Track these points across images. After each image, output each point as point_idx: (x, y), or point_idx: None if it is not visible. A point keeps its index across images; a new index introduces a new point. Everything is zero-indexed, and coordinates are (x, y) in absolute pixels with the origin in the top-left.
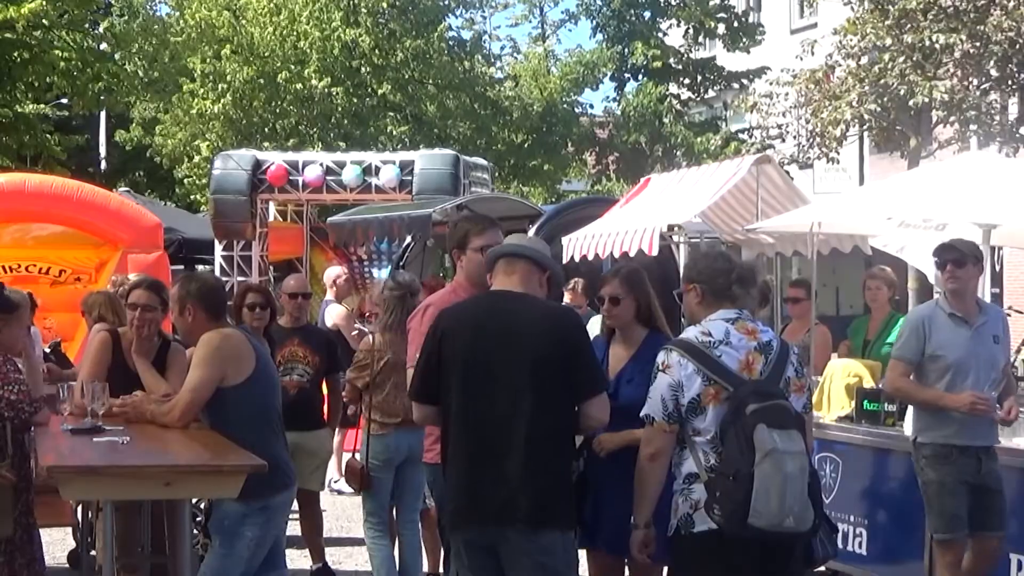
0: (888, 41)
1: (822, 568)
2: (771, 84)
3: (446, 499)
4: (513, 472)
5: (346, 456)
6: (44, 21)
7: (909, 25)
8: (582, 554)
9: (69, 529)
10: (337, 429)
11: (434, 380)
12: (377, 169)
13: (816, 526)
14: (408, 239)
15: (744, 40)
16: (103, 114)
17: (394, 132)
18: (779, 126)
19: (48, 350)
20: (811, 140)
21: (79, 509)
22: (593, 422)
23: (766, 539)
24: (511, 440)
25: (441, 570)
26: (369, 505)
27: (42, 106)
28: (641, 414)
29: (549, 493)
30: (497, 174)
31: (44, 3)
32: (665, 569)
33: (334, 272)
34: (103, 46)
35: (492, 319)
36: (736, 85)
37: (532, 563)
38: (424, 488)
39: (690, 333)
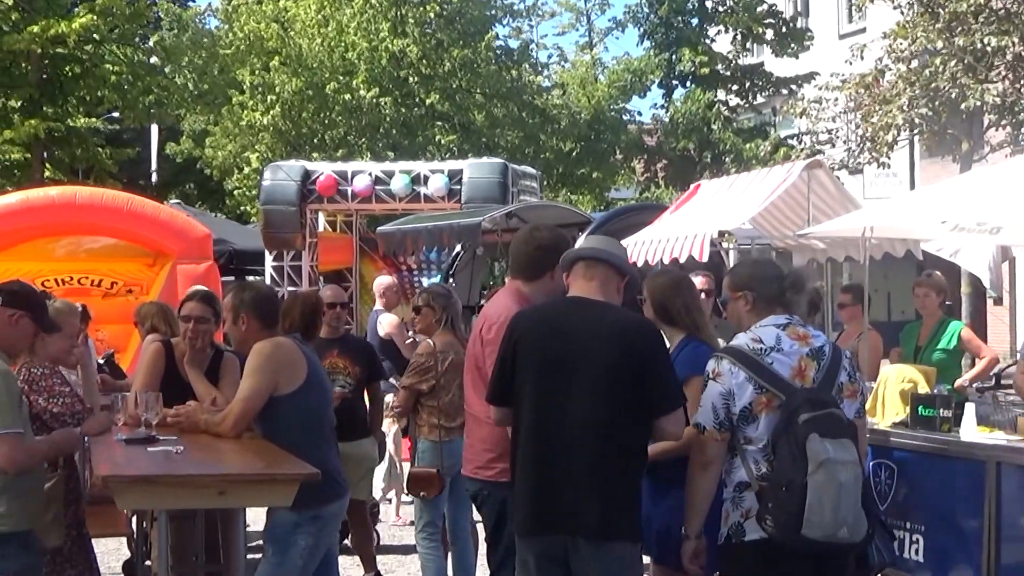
0: (939, 44)
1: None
2: (820, 89)
3: (514, 506)
4: (582, 481)
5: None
6: (95, 36)
7: (960, 28)
8: None
9: (124, 539)
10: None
11: (509, 383)
12: (426, 178)
13: (870, 536)
14: (458, 248)
15: (792, 45)
16: (155, 127)
17: (442, 141)
18: (829, 131)
19: (102, 361)
20: (861, 145)
21: (133, 519)
22: (668, 437)
23: (819, 550)
24: (581, 449)
25: None
26: (428, 514)
27: (93, 120)
28: (692, 422)
29: (617, 504)
30: (545, 182)
31: (95, 18)
32: None
33: (383, 281)
34: (153, 59)
35: (568, 326)
36: (785, 91)
37: (601, 573)
38: None
39: (741, 340)
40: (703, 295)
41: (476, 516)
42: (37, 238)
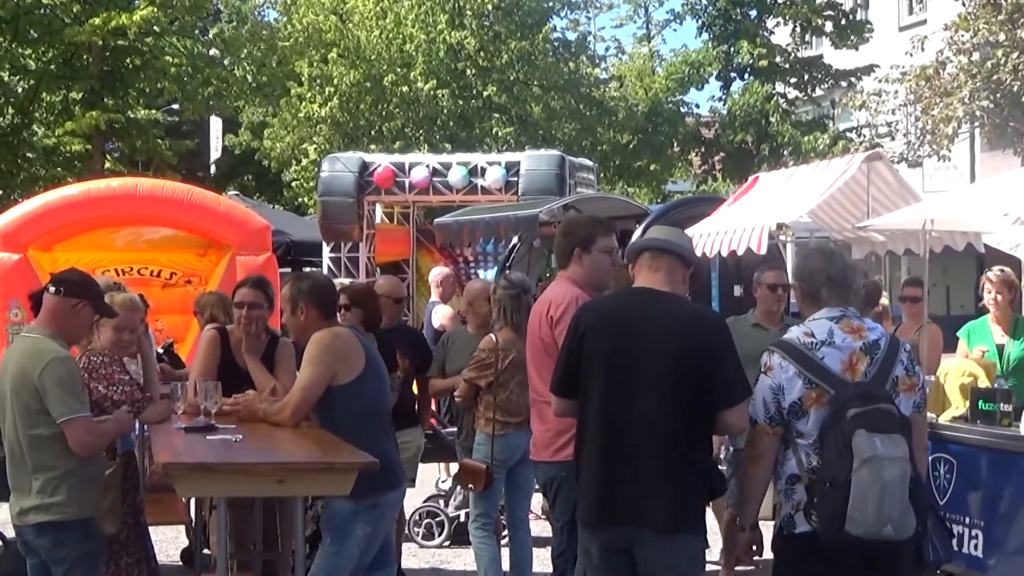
0: (1001, 36)
1: (937, 572)
2: (880, 82)
3: (578, 496)
4: (649, 474)
5: None
6: (155, 28)
7: (1022, 20)
8: None
9: (182, 527)
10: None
11: (575, 374)
12: (483, 170)
13: (919, 533)
14: (515, 240)
15: (852, 37)
16: (217, 120)
17: (499, 133)
18: (888, 124)
19: (161, 350)
20: (921, 138)
21: (192, 507)
22: (732, 430)
23: (863, 547)
24: (648, 441)
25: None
26: (482, 505)
27: (153, 111)
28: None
29: (683, 497)
30: (602, 175)
31: (155, 10)
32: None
33: (439, 273)
34: (213, 51)
35: (635, 318)
36: (844, 83)
37: (667, 565)
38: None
39: (793, 333)
40: (779, 289)
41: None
42: (98, 228)
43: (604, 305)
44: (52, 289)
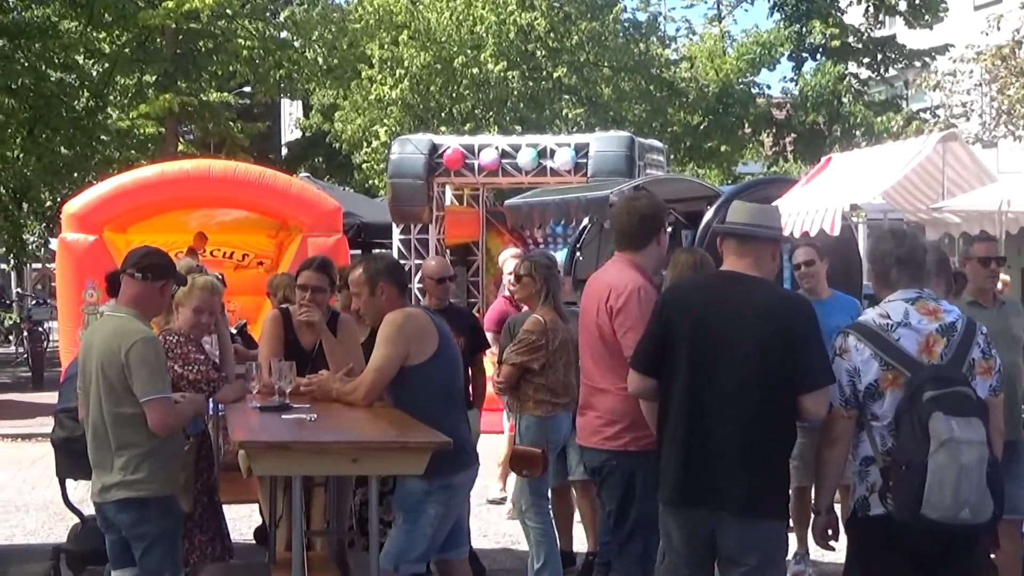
0: None
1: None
2: (955, 61)
3: (661, 478)
4: (731, 457)
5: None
6: (228, 11)
7: None
8: None
9: (256, 505)
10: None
11: (658, 356)
12: (552, 152)
13: (996, 516)
14: (584, 221)
15: (926, 17)
16: (297, 103)
17: (569, 115)
18: (963, 104)
19: (235, 331)
20: (997, 118)
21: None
22: (810, 416)
23: (940, 530)
24: (730, 425)
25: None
26: (536, 490)
27: (225, 94)
28: None
29: (764, 481)
30: (672, 156)
31: None
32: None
33: (510, 254)
34: (284, 34)
35: (721, 302)
36: (918, 63)
37: (747, 549)
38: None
39: (868, 315)
40: (993, 263)
41: None
42: (172, 210)
43: (690, 288)
44: (139, 276)
